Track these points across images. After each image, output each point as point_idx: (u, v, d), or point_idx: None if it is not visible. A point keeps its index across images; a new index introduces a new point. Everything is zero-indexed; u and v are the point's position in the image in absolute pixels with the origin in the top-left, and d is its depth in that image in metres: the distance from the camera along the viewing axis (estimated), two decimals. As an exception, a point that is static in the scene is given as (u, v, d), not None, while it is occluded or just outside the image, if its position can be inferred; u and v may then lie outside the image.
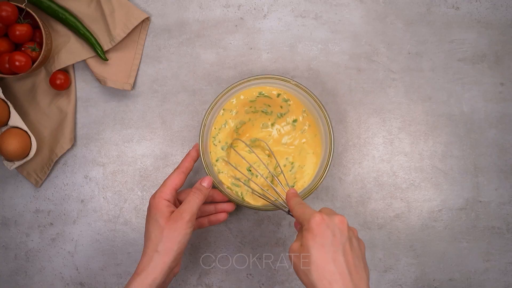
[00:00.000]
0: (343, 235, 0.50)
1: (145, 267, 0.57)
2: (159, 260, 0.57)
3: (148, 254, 0.58)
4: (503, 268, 0.72)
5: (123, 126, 0.75)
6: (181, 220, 0.58)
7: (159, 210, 0.59)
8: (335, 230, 0.50)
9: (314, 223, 0.50)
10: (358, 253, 0.51)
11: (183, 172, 0.63)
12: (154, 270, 0.57)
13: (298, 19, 0.74)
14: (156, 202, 0.60)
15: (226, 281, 0.73)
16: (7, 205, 0.75)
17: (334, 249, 0.50)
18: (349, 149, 0.73)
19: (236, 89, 0.66)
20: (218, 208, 0.68)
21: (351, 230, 0.53)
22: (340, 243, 0.50)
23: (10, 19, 0.68)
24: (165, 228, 0.58)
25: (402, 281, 0.73)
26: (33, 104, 0.74)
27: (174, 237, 0.58)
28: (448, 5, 0.74)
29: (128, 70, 0.74)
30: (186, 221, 0.58)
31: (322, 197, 0.73)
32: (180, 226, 0.58)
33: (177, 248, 0.58)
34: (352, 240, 0.51)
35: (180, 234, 0.58)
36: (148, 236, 0.59)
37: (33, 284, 0.75)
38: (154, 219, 0.59)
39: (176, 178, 0.62)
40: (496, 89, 0.73)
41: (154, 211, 0.59)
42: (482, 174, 0.73)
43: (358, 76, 0.74)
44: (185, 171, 0.63)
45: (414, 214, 0.73)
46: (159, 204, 0.60)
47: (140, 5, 0.75)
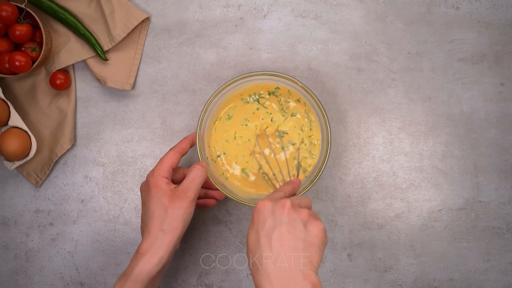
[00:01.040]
0: (280, 219, 0.50)
1: (151, 246, 0.57)
2: (165, 239, 0.57)
3: (153, 233, 0.57)
4: (503, 268, 0.72)
5: (123, 126, 0.75)
6: (185, 198, 0.58)
7: (160, 188, 0.59)
8: (274, 214, 0.51)
9: (254, 210, 0.52)
10: (300, 236, 0.50)
11: (179, 152, 0.63)
12: (160, 249, 0.57)
13: (298, 19, 0.74)
14: (156, 180, 0.59)
15: (226, 281, 0.73)
16: (7, 205, 0.75)
17: (265, 233, 0.50)
18: (349, 149, 0.73)
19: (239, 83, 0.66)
20: (209, 193, 0.69)
21: (298, 213, 0.51)
22: (274, 227, 0.50)
23: (10, 19, 0.68)
24: (169, 207, 0.57)
25: (402, 281, 0.73)
26: (33, 104, 0.74)
27: (180, 215, 0.57)
28: (448, 5, 0.74)
29: (128, 70, 0.74)
30: (191, 199, 0.58)
31: (322, 197, 0.73)
32: (184, 204, 0.58)
33: (182, 226, 0.58)
34: (295, 223, 0.50)
35: (186, 212, 0.58)
36: (151, 215, 0.58)
37: (33, 284, 0.75)
38: (157, 198, 0.58)
39: (173, 156, 0.62)
40: (496, 89, 0.73)
41: (155, 190, 0.59)
42: (482, 174, 0.73)
43: (358, 76, 0.74)
44: (181, 151, 0.63)
45: (414, 214, 0.73)
46: (159, 182, 0.59)
47: (140, 5, 0.75)
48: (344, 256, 0.73)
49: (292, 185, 0.58)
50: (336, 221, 0.73)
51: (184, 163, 0.75)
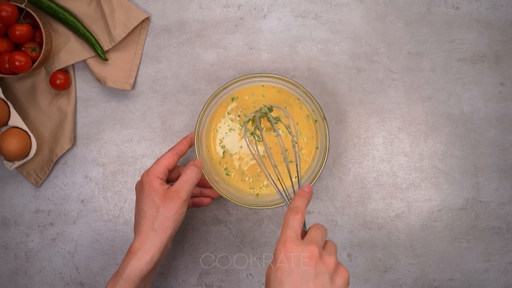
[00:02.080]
0: (308, 274, 0.47)
1: (142, 245, 0.57)
2: (156, 238, 0.57)
3: (144, 232, 0.58)
4: (503, 268, 0.72)
5: (123, 126, 0.75)
6: (177, 199, 0.58)
7: (153, 188, 0.59)
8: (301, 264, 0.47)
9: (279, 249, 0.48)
10: None
11: (177, 153, 0.63)
12: (151, 248, 0.57)
13: (298, 19, 0.74)
14: (150, 180, 0.59)
15: (226, 281, 0.73)
16: (7, 205, 0.75)
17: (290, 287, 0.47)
18: (349, 149, 0.73)
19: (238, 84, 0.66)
20: (204, 192, 0.69)
21: (325, 263, 0.48)
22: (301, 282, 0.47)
23: (10, 19, 0.68)
24: (161, 207, 0.58)
25: (402, 281, 0.73)
26: (33, 104, 0.74)
27: (171, 216, 0.58)
28: (448, 5, 0.74)
29: (128, 70, 0.74)
30: (183, 200, 0.58)
31: (322, 197, 0.73)
32: (176, 205, 0.58)
33: (173, 226, 0.58)
34: (322, 278, 0.47)
35: (177, 212, 0.58)
36: (143, 215, 0.59)
37: (33, 284, 0.75)
38: (149, 198, 0.58)
39: (170, 157, 0.62)
40: (496, 89, 0.73)
41: (149, 189, 0.59)
42: (482, 174, 0.73)
43: (358, 76, 0.74)
44: (179, 153, 0.63)
45: (414, 214, 0.73)
46: (153, 182, 0.59)
47: (140, 5, 0.75)
48: (344, 256, 0.73)
49: (306, 197, 0.54)
50: (336, 221, 0.73)
51: (183, 162, 0.75)
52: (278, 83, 0.67)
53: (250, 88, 0.69)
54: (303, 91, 0.65)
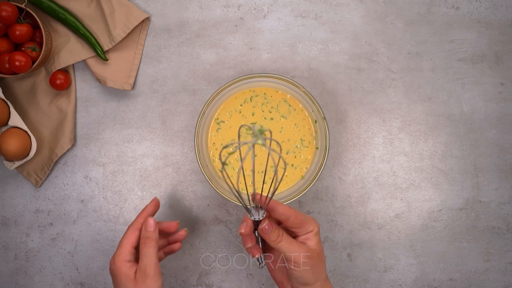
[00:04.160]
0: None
1: None
2: None
3: None
4: (503, 268, 0.72)
5: (123, 126, 0.75)
6: (147, 277, 0.57)
7: (124, 275, 0.58)
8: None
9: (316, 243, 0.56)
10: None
11: (137, 228, 0.61)
12: None
13: (298, 19, 0.74)
14: (118, 267, 0.58)
15: (226, 281, 0.73)
16: (7, 205, 0.75)
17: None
18: (349, 149, 0.73)
19: (238, 85, 0.66)
20: (170, 239, 0.67)
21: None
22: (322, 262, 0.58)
23: (10, 19, 0.68)
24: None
25: (402, 281, 0.73)
26: (33, 104, 0.74)
27: None
28: (448, 5, 0.74)
29: (128, 70, 0.74)
30: (152, 276, 0.57)
31: (322, 197, 0.73)
32: (149, 283, 0.57)
33: None
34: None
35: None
36: None
37: (33, 284, 0.75)
38: (123, 285, 0.58)
39: (131, 235, 0.60)
40: (496, 89, 0.73)
41: (119, 277, 0.58)
42: (482, 174, 0.73)
43: (358, 76, 0.74)
44: (139, 227, 0.62)
45: (414, 214, 0.73)
46: (122, 268, 0.58)
47: (140, 5, 0.75)
48: (344, 256, 0.73)
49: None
50: (336, 221, 0.73)
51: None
52: (278, 83, 0.67)
53: (250, 88, 0.69)
54: (303, 91, 0.66)
